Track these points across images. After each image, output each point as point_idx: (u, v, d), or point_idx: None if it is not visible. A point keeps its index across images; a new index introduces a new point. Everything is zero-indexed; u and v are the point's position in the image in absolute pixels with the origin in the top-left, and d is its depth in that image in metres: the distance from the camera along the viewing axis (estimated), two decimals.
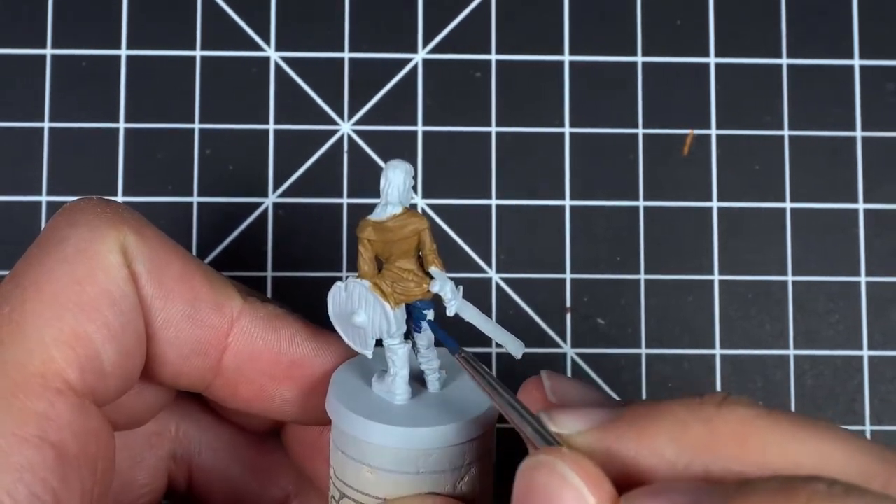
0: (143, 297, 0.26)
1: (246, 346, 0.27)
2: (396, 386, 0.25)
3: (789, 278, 0.37)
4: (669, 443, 0.20)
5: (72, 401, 0.24)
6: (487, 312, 0.36)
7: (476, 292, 0.37)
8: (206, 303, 0.26)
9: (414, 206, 0.36)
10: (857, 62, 0.38)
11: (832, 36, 0.38)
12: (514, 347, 0.26)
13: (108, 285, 0.25)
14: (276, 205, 0.37)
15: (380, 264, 0.25)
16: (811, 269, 0.37)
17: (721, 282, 0.37)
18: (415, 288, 0.25)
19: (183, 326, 0.26)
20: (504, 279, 0.37)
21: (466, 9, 0.38)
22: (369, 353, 0.26)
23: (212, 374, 0.27)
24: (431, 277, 0.25)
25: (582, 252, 0.37)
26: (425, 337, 0.26)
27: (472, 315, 0.25)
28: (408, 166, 0.25)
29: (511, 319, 0.37)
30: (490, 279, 0.37)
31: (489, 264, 0.37)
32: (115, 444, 0.25)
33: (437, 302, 0.25)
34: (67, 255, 0.25)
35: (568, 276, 0.37)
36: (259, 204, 0.37)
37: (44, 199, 0.37)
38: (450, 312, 0.25)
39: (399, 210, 0.24)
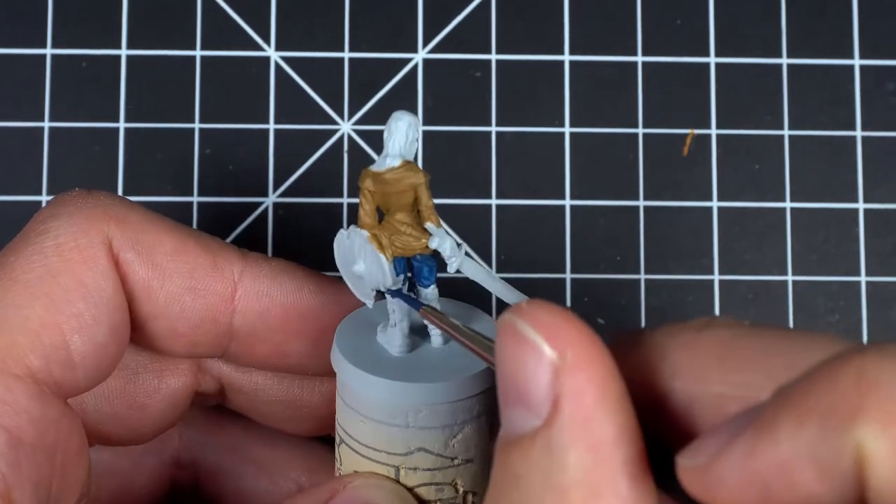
0: (137, 282, 0.26)
1: (253, 305, 0.27)
2: (395, 337, 0.25)
3: (789, 278, 0.37)
4: (650, 371, 0.19)
5: (31, 388, 0.23)
6: (487, 312, 0.36)
7: (476, 292, 0.37)
8: (205, 271, 0.26)
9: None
10: (857, 62, 0.38)
11: (832, 36, 0.38)
12: None
13: (83, 277, 0.25)
14: (276, 205, 0.37)
15: (381, 214, 0.25)
16: (811, 269, 0.37)
17: (721, 282, 0.37)
18: (413, 242, 0.24)
19: (186, 299, 0.26)
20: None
21: (466, 9, 0.38)
22: (370, 303, 0.25)
23: (226, 338, 0.27)
24: (429, 233, 0.24)
25: (582, 252, 0.37)
26: (429, 292, 0.25)
27: (476, 273, 0.25)
28: (412, 118, 0.24)
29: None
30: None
31: (489, 264, 0.37)
32: (83, 439, 0.25)
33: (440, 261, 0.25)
34: (45, 248, 0.25)
35: (568, 276, 0.37)
36: (259, 204, 0.37)
37: (44, 199, 0.37)
38: (451, 269, 0.24)
39: (398, 163, 0.24)
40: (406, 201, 0.24)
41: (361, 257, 0.25)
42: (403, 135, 0.24)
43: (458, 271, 0.25)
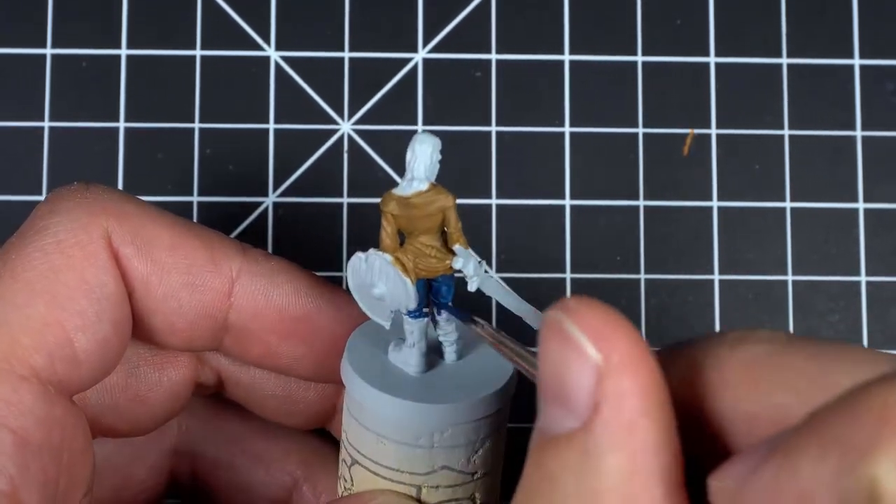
0: (136, 277, 0.26)
1: (248, 304, 0.27)
2: (413, 357, 0.25)
3: (789, 278, 0.37)
4: (686, 388, 0.19)
5: (36, 387, 0.23)
6: (488, 312, 0.36)
7: (476, 292, 0.37)
8: (202, 267, 0.26)
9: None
10: (857, 62, 0.38)
11: (832, 36, 0.38)
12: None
13: (85, 274, 0.25)
14: (276, 204, 0.37)
15: (401, 237, 0.25)
16: (811, 269, 0.37)
17: (721, 282, 0.37)
18: (437, 264, 0.24)
19: (184, 295, 0.26)
20: (504, 279, 0.37)
21: (466, 9, 0.38)
22: (387, 325, 0.25)
23: (222, 333, 0.27)
24: (454, 254, 0.24)
25: (582, 252, 0.37)
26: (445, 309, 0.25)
27: (496, 291, 0.25)
28: (436, 140, 0.24)
29: (512, 319, 0.37)
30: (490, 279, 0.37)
31: (489, 264, 0.37)
32: (88, 436, 0.25)
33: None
34: (46, 245, 0.25)
35: (568, 276, 0.37)
36: (259, 204, 0.37)
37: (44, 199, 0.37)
38: (471, 288, 0.25)
39: (425, 186, 0.24)
40: (433, 224, 0.24)
41: (382, 280, 0.24)
42: (428, 157, 0.24)
43: (478, 290, 0.25)
